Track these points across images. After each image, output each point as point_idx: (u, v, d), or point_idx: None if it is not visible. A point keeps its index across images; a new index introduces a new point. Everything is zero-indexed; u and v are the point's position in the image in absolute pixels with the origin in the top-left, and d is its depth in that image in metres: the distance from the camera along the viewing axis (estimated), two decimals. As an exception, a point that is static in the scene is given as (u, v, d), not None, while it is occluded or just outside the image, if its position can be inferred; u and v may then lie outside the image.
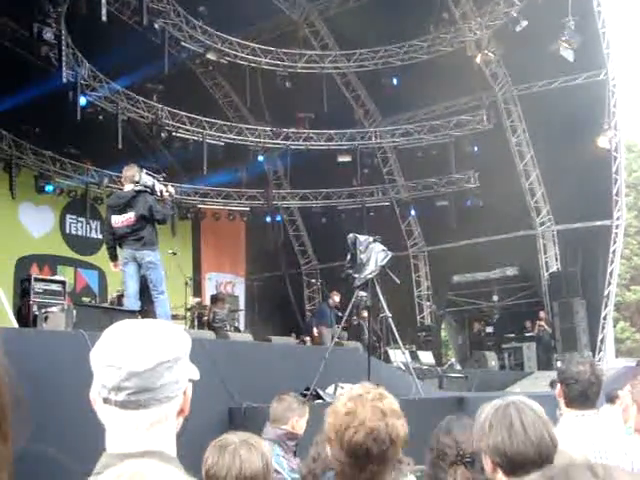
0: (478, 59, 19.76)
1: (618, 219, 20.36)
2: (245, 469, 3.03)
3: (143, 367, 1.69)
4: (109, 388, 1.70)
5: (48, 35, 16.02)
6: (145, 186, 9.45)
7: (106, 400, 1.72)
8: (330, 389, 9.04)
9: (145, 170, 9.73)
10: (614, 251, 20.49)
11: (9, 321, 9.52)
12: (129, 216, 9.34)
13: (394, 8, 19.80)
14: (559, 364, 19.04)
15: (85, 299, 18.39)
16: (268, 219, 24.95)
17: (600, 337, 20.43)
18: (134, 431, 1.71)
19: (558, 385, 3.89)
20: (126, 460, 1.52)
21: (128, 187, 9.56)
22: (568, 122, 19.02)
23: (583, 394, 3.71)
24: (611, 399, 6.87)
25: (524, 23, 17.96)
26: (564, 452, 2.56)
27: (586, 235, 20.90)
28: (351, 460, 2.36)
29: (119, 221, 9.44)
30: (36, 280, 11.67)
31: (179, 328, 1.86)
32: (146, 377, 1.69)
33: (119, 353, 1.71)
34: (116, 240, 9.59)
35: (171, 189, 10.07)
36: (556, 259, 22.13)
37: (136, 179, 9.41)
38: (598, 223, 20.49)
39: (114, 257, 9.71)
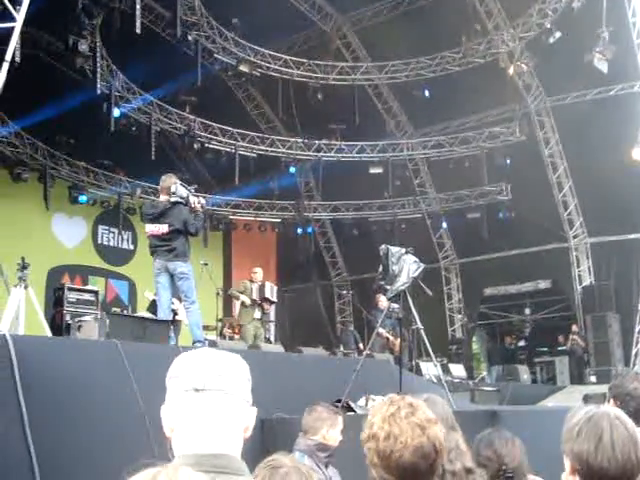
0: (511, 70, 19.68)
1: (653, 232, 20.11)
2: None
3: (223, 368, 1.88)
4: (193, 380, 1.84)
5: (83, 47, 16.20)
6: (180, 197, 9.48)
7: (187, 390, 1.84)
8: (361, 401, 8.98)
9: (179, 181, 9.77)
10: (649, 264, 20.25)
11: (42, 329, 9.59)
12: (162, 227, 9.37)
13: (426, 20, 19.80)
14: (593, 378, 18.86)
15: (115, 309, 18.51)
16: (299, 230, 24.96)
17: (634, 351, 20.14)
18: (212, 426, 1.83)
19: (611, 400, 3.81)
20: (203, 460, 1.74)
21: (163, 197, 9.60)
22: (602, 133, 18.83)
23: (638, 411, 3.62)
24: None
25: (557, 34, 17.84)
26: None
27: (620, 248, 20.65)
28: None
29: (150, 230, 9.49)
30: (69, 290, 11.76)
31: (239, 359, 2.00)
32: (226, 374, 1.87)
33: (202, 362, 1.89)
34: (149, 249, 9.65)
35: (202, 201, 10.09)
36: (589, 272, 21.88)
37: (172, 190, 9.45)
38: (632, 236, 20.23)
39: None
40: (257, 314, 14.27)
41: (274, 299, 14.77)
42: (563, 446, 2.46)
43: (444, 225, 24.19)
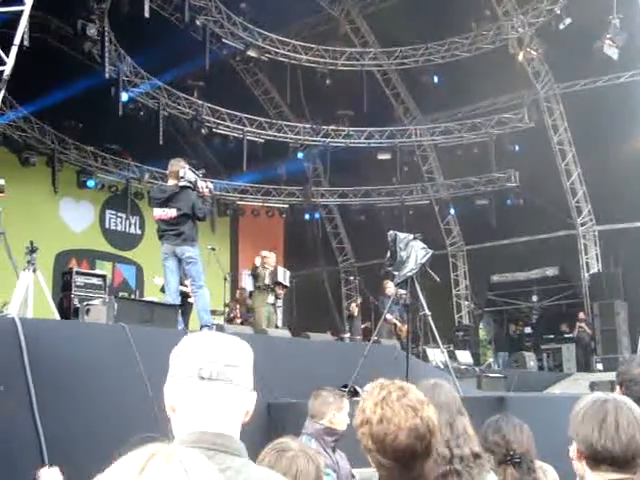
0: (520, 57, 19.59)
1: (661, 219, 20.05)
2: (299, 478, 2.99)
3: (229, 356, 1.90)
4: (199, 367, 1.86)
5: (91, 31, 16.21)
6: (189, 182, 9.48)
7: (192, 376, 1.86)
8: (368, 386, 8.98)
9: (188, 166, 9.76)
10: (657, 252, 20.18)
11: (51, 313, 9.63)
12: (170, 211, 9.37)
13: (435, 5, 19.69)
14: (600, 366, 18.84)
15: (123, 294, 18.55)
16: (307, 216, 24.99)
17: (642, 339, 20.15)
18: (215, 410, 1.85)
19: (617, 388, 3.81)
20: (205, 437, 1.79)
21: (172, 181, 9.60)
22: (611, 121, 18.77)
23: None
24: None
25: (568, 21, 17.75)
26: None
27: (628, 235, 20.59)
28: (397, 464, 2.34)
29: (158, 215, 9.49)
30: (77, 274, 11.78)
31: (241, 341, 2.00)
32: (231, 362, 1.89)
33: (208, 347, 1.90)
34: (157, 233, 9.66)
35: (210, 185, 10.08)
36: (597, 260, 21.86)
37: (181, 174, 9.45)
38: (640, 224, 20.22)
39: None
40: (270, 299, 14.24)
41: (287, 283, 14.67)
42: (570, 431, 2.47)
43: (452, 211, 24.19)
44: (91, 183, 20.95)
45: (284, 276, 14.49)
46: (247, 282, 23.61)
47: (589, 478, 2.42)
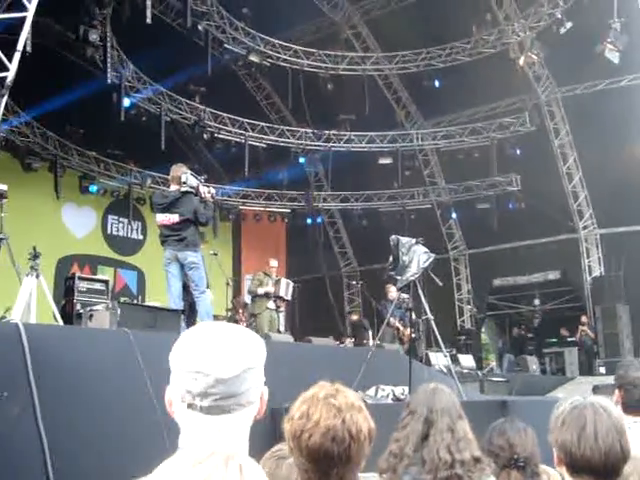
0: (521, 61, 19.59)
1: (663, 223, 20.02)
2: None
3: (230, 374, 1.70)
4: (195, 394, 1.70)
5: (93, 37, 16.22)
6: (191, 187, 9.50)
7: (190, 405, 1.72)
8: (371, 391, 9.01)
9: (190, 171, 9.78)
10: (659, 255, 20.16)
11: (54, 318, 9.63)
12: (172, 217, 9.39)
13: (436, 10, 19.73)
14: (602, 369, 18.82)
15: (125, 299, 18.55)
16: (309, 221, 24.99)
17: (644, 342, 20.13)
18: (215, 435, 1.71)
19: (616, 391, 3.81)
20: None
21: (174, 187, 9.63)
22: (613, 124, 18.77)
23: None
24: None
25: (569, 25, 17.74)
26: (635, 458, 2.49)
27: (630, 239, 20.57)
28: (313, 466, 2.23)
29: (160, 220, 9.51)
30: (80, 279, 11.75)
31: (254, 334, 1.85)
32: (232, 383, 1.70)
33: (206, 359, 1.71)
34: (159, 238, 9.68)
35: (212, 190, 10.09)
36: (599, 263, 21.85)
37: (183, 180, 9.47)
38: (643, 227, 20.19)
39: None
40: (271, 304, 14.19)
41: (288, 297, 14.56)
42: (549, 437, 2.47)
43: (454, 216, 24.17)
44: (93, 188, 21.00)
45: (286, 289, 14.37)
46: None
47: None
